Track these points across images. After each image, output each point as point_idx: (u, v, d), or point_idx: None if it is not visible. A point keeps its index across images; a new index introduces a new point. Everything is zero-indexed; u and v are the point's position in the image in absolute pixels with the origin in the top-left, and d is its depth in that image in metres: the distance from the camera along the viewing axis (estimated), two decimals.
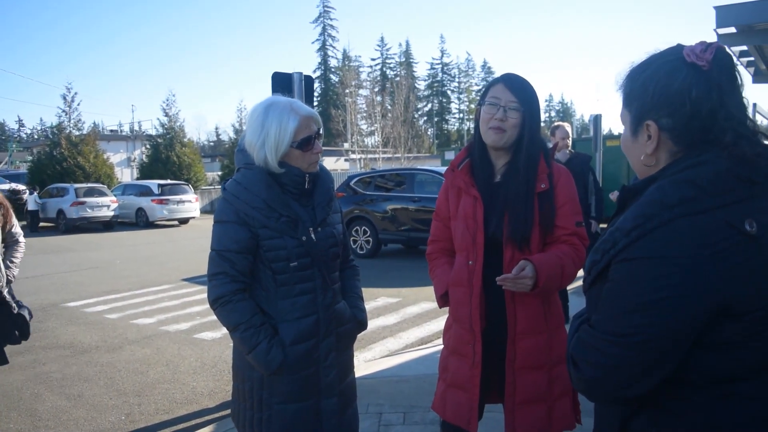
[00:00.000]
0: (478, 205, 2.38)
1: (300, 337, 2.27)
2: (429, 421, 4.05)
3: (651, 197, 1.21)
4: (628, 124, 1.36)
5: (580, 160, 6.31)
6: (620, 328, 1.18)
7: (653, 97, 1.27)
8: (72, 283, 11.12)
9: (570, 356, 1.31)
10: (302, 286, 2.29)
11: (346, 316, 2.46)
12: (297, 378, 2.28)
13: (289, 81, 3.98)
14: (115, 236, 20.74)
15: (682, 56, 1.25)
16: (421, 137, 65.04)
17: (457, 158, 2.55)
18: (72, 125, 32.08)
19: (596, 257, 1.28)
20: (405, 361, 5.76)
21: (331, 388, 2.37)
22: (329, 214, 2.40)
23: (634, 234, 1.18)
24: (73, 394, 5.25)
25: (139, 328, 7.62)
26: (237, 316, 2.22)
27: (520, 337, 2.34)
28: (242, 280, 2.25)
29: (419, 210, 12.32)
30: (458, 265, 2.45)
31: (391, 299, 8.82)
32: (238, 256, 2.22)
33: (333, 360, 2.37)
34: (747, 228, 1.15)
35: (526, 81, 2.44)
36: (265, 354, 2.20)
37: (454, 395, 2.43)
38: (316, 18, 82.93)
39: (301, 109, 2.28)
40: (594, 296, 1.30)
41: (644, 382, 1.20)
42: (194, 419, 4.63)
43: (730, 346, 1.16)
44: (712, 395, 1.19)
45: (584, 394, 1.32)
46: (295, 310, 2.28)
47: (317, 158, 2.32)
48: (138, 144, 41.86)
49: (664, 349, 1.16)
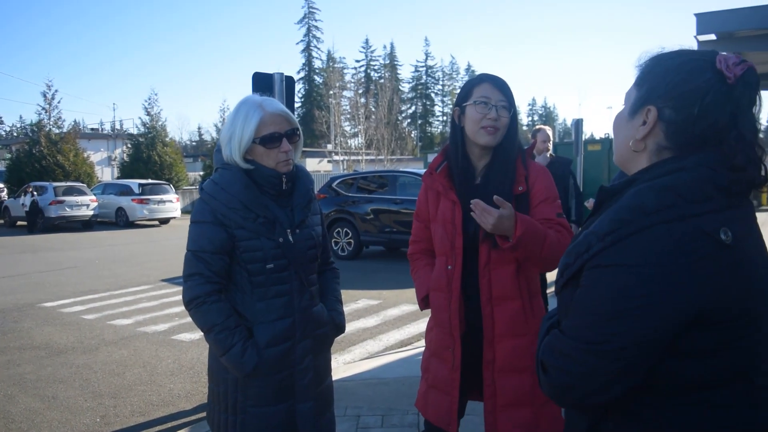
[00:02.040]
0: (456, 209, 2.38)
1: (275, 340, 2.24)
2: (408, 424, 4.04)
3: (629, 202, 1.19)
4: (630, 103, 1.33)
5: (561, 163, 6.33)
6: (592, 335, 1.17)
7: (667, 86, 1.25)
8: (49, 282, 10.98)
9: (539, 361, 1.29)
10: (278, 288, 2.26)
11: (324, 318, 2.43)
12: (272, 381, 2.25)
13: (270, 81, 3.95)
14: (95, 236, 20.52)
15: (714, 61, 1.23)
16: (404, 139, 65.03)
17: (434, 161, 2.54)
18: (52, 123, 31.71)
19: (569, 260, 1.25)
20: (385, 363, 5.75)
21: (307, 392, 2.34)
22: (308, 216, 2.38)
23: (609, 239, 1.16)
24: (47, 396, 5.17)
25: (117, 329, 7.53)
26: (212, 318, 2.18)
27: (499, 339, 2.33)
28: (217, 281, 2.22)
29: (401, 212, 12.31)
30: (438, 269, 2.45)
31: (372, 301, 8.81)
32: (214, 257, 2.20)
33: (309, 363, 2.34)
34: (722, 237, 1.14)
35: (504, 80, 2.45)
36: (240, 356, 2.17)
37: (435, 396, 2.44)
38: (301, 19, 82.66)
39: (269, 106, 2.26)
40: (565, 300, 1.28)
41: (614, 389, 1.18)
42: (170, 422, 4.58)
43: (701, 355, 1.15)
44: (681, 403, 1.18)
45: (553, 399, 1.30)
46: (271, 312, 2.25)
47: (285, 157, 2.26)
48: (119, 143, 41.45)
49: (636, 357, 1.14)
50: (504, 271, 2.34)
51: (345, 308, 2.63)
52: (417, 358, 5.74)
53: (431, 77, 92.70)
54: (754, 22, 8.53)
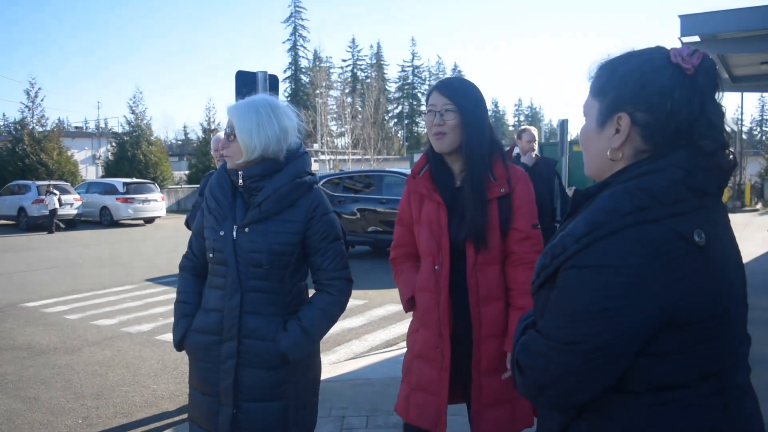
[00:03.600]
0: (441, 210, 2.39)
1: (203, 328, 2.37)
2: (392, 425, 4.03)
3: (604, 204, 1.19)
4: (595, 115, 1.31)
5: (547, 164, 6.35)
6: (567, 336, 1.17)
7: (633, 90, 1.24)
8: (31, 282, 10.88)
9: (515, 361, 1.30)
10: (217, 280, 2.38)
11: (263, 333, 2.30)
12: (199, 368, 2.40)
13: (254, 80, 3.92)
14: (78, 235, 20.37)
15: (668, 56, 1.23)
16: (391, 139, 65.10)
17: (417, 165, 2.55)
18: (35, 121, 31.50)
19: (545, 261, 1.25)
20: (370, 363, 5.74)
21: (228, 396, 2.29)
22: (270, 220, 2.30)
23: (584, 240, 1.16)
24: (28, 397, 5.12)
25: (100, 330, 7.47)
26: (178, 286, 2.55)
27: (485, 340, 2.35)
28: (192, 259, 2.53)
29: (387, 212, 12.31)
30: (424, 270, 2.45)
31: (358, 301, 8.78)
32: (194, 238, 2.53)
33: (231, 367, 2.29)
34: (696, 238, 1.15)
35: (461, 82, 2.47)
36: (174, 326, 2.46)
37: (420, 398, 2.43)
38: (287, 18, 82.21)
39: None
40: (541, 300, 1.28)
41: (588, 389, 1.19)
42: (154, 423, 4.55)
43: (672, 355, 1.16)
44: (652, 403, 1.18)
45: (528, 399, 1.32)
46: (209, 300, 2.40)
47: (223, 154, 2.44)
48: (103, 141, 41.10)
49: (611, 357, 1.15)
50: (490, 272, 2.37)
51: None
52: (402, 359, 5.74)
53: (418, 77, 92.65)
54: (737, 24, 8.61)
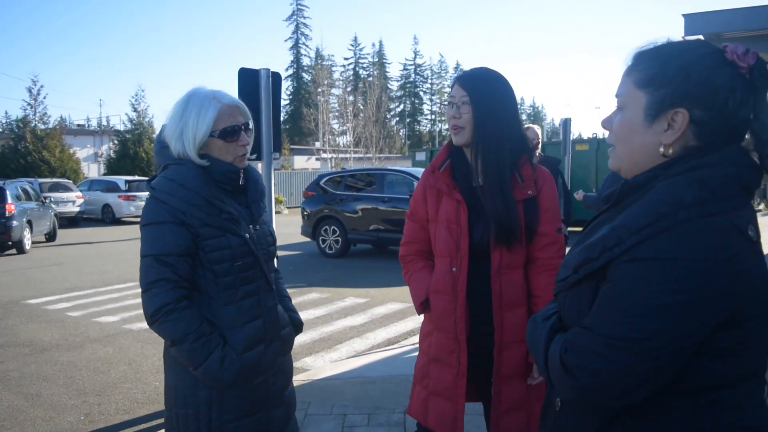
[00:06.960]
0: (461, 210, 2.29)
1: (250, 344, 2.12)
2: (394, 423, 4.03)
3: (663, 195, 1.15)
4: (642, 108, 1.24)
5: (550, 163, 6.32)
6: (629, 332, 1.10)
7: (696, 86, 1.18)
8: (34, 279, 10.89)
9: (560, 362, 1.20)
10: (246, 288, 2.13)
11: (285, 319, 2.36)
12: (248, 389, 2.13)
13: (257, 77, 3.92)
14: (80, 232, 20.37)
15: (720, 53, 1.19)
16: (393, 138, 64.92)
17: (437, 159, 2.41)
18: (37, 119, 31.66)
19: (591, 255, 1.19)
20: (371, 361, 5.73)
21: (279, 397, 2.26)
22: (263, 213, 2.31)
23: (645, 232, 1.11)
24: (30, 394, 5.13)
25: (102, 326, 7.48)
26: (184, 326, 1.98)
27: (507, 346, 2.29)
28: (185, 287, 2.04)
29: (389, 210, 12.30)
30: (440, 272, 2.35)
31: (359, 299, 8.79)
32: (180, 260, 2.02)
33: (279, 367, 2.27)
34: (750, 234, 1.13)
35: (483, 74, 2.36)
36: (219, 364, 2.01)
37: (438, 404, 2.36)
38: (289, 16, 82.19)
39: (224, 98, 2.14)
40: (581, 297, 1.23)
41: (645, 389, 1.13)
42: (156, 419, 4.53)
43: (724, 353, 1.12)
44: (694, 403, 1.14)
45: (578, 402, 1.25)
46: (243, 314, 2.12)
47: (244, 151, 2.17)
48: (105, 139, 41.22)
49: (672, 355, 1.10)
50: (515, 276, 2.30)
51: (333, 306, 2.62)
52: (404, 357, 5.75)
53: (420, 75, 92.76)
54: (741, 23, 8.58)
